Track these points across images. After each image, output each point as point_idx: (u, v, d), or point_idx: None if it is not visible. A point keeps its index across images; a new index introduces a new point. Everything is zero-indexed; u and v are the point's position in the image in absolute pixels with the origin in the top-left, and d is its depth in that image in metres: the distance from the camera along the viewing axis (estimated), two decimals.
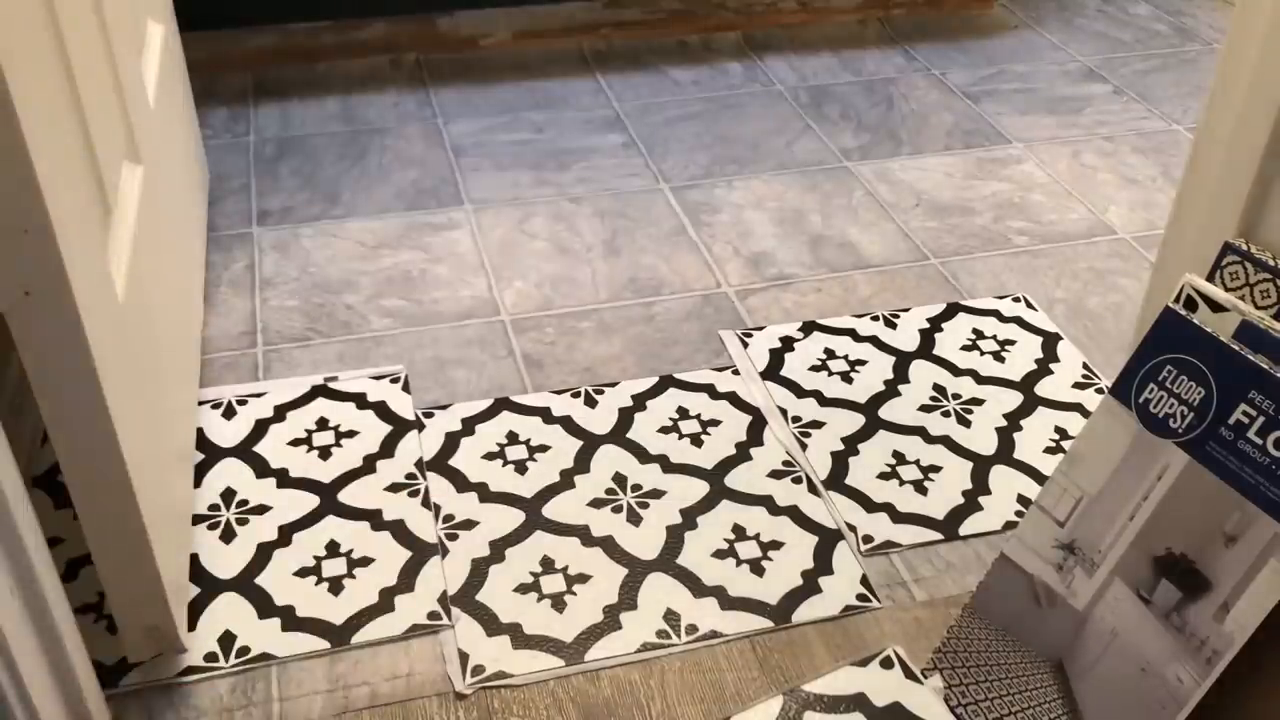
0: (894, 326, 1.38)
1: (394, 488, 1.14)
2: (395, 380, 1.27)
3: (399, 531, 1.09)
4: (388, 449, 1.19)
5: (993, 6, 2.15)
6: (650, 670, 0.98)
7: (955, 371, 1.31)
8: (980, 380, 1.30)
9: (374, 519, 1.11)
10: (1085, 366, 1.33)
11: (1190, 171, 0.84)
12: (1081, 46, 2.06)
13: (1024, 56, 2.01)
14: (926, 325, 1.38)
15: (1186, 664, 0.78)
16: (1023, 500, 1.15)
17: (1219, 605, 0.76)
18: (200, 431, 1.20)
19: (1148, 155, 1.73)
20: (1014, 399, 1.28)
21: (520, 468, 1.17)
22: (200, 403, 1.24)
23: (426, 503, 1.13)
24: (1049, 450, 1.21)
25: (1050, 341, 1.36)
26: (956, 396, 1.28)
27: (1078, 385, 1.30)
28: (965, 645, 0.94)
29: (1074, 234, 1.55)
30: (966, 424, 1.24)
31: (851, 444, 1.21)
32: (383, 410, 1.23)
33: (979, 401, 1.27)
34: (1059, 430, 1.23)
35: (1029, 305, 1.42)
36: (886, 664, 0.96)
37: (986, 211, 1.59)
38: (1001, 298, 1.43)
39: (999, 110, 1.84)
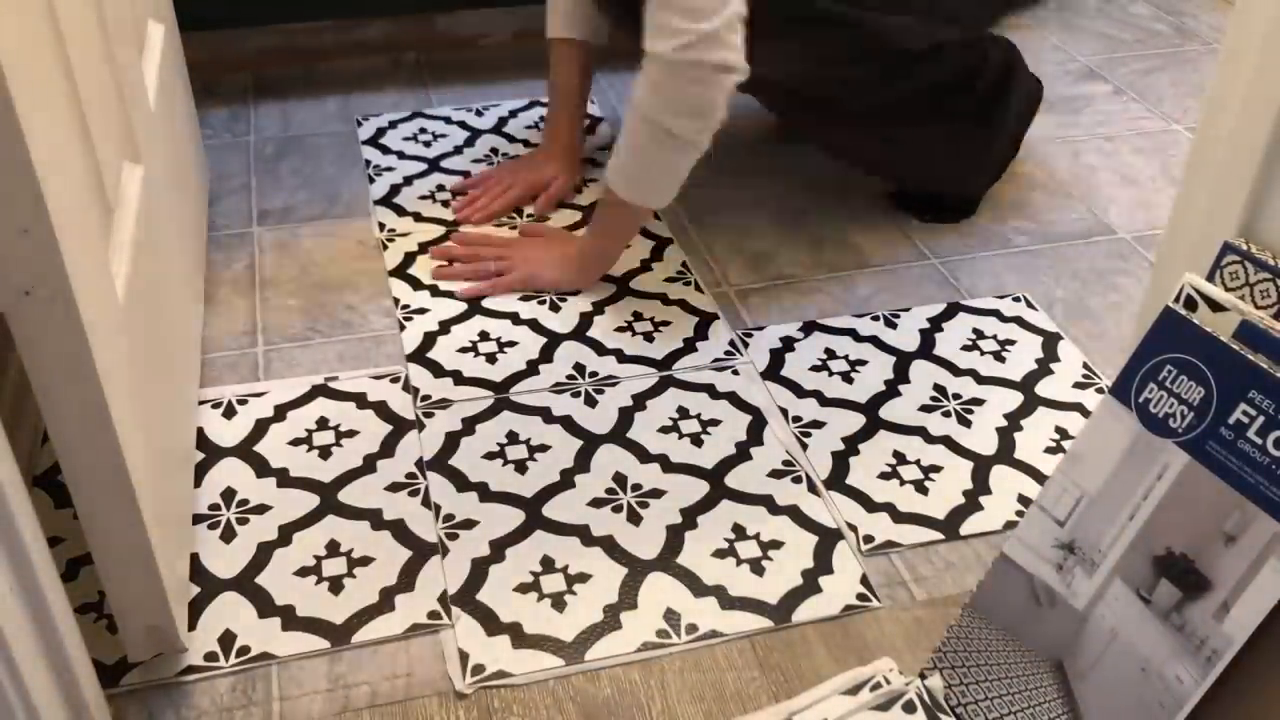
0: (894, 326, 1.38)
1: (394, 487, 1.14)
2: (395, 380, 1.27)
3: (399, 531, 1.09)
4: (388, 448, 1.19)
5: None
6: (650, 670, 0.98)
7: (955, 371, 1.31)
8: (980, 380, 1.30)
9: (374, 518, 1.11)
10: (1085, 366, 1.33)
11: (1190, 171, 0.84)
12: (1081, 46, 2.06)
13: (1024, 56, 2.00)
14: (926, 325, 1.38)
15: (1186, 663, 0.78)
16: (1023, 500, 1.15)
17: (1219, 605, 0.76)
18: (200, 431, 1.20)
19: (1148, 155, 1.73)
20: (1014, 399, 1.28)
21: (520, 467, 1.17)
22: (200, 402, 1.24)
23: (427, 502, 1.13)
24: (1049, 450, 1.21)
25: (1050, 341, 1.36)
26: (957, 396, 1.28)
27: (1078, 385, 1.30)
28: (965, 645, 0.94)
29: (1074, 234, 1.55)
30: (967, 424, 1.24)
31: (852, 444, 1.21)
32: (383, 410, 1.23)
33: (979, 401, 1.27)
34: (1059, 430, 1.23)
35: (1029, 305, 1.42)
36: (875, 688, 0.96)
37: (986, 211, 1.59)
38: (1002, 297, 1.43)
39: None
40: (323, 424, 1.22)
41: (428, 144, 1.71)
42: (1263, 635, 0.75)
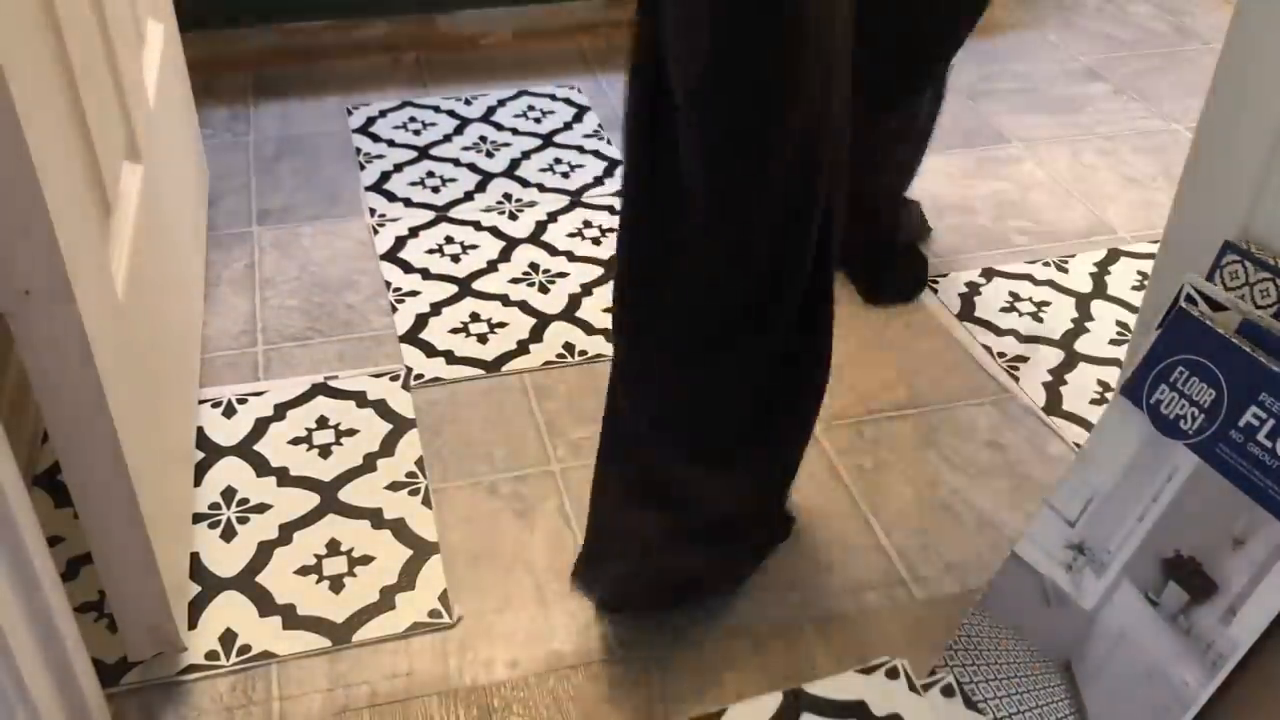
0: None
1: (394, 486, 1.14)
2: (395, 379, 1.27)
3: (399, 530, 1.09)
4: (388, 447, 1.19)
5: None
6: (650, 669, 0.98)
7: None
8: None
9: (374, 518, 1.11)
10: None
11: (1190, 171, 0.84)
12: (1081, 46, 2.06)
13: (1024, 56, 2.01)
14: None
15: (1192, 666, 0.78)
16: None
17: (1225, 608, 0.76)
18: (200, 430, 1.20)
19: (1148, 155, 1.73)
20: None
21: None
22: (200, 401, 1.23)
23: (427, 501, 1.13)
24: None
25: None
26: None
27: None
28: (976, 643, 0.94)
29: (1074, 233, 1.55)
30: None
31: None
32: (382, 409, 1.23)
33: None
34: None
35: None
36: (892, 674, 0.96)
37: (986, 211, 1.59)
38: None
39: (999, 109, 1.83)
40: (322, 423, 1.22)
41: (417, 132, 1.73)
42: (1269, 639, 0.74)
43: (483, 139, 1.71)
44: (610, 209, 1.56)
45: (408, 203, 1.57)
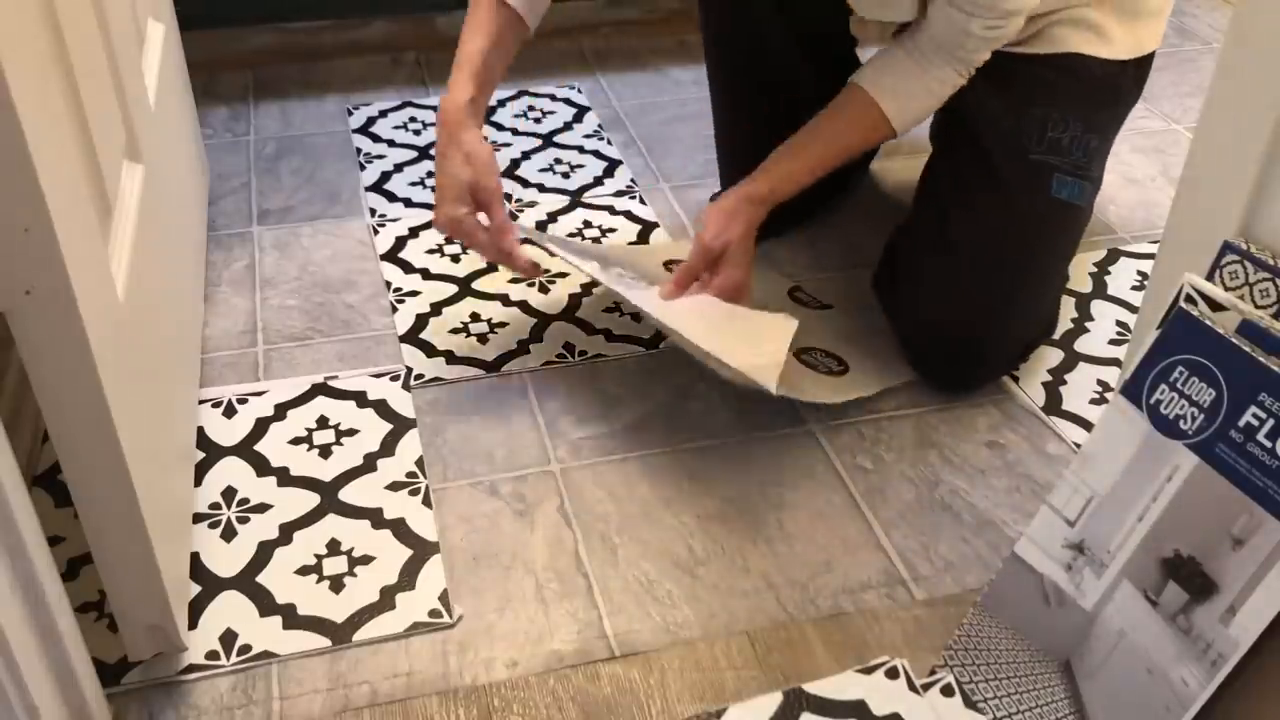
0: None
1: (394, 486, 1.14)
2: (395, 379, 1.27)
3: (400, 530, 1.09)
4: (388, 447, 1.19)
5: None
6: (650, 669, 0.98)
7: None
8: None
9: (374, 517, 1.11)
10: None
11: (1190, 171, 0.84)
12: None
13: None
14: None
15: (1192, 666, 0.78)
16: None
17: (1225, 608, 0.76)
18: (201, 430, 1.20)
19: (1148, 155, 1.73)
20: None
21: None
22: (201, 401, 1.24)
23: (427, 501, 1.13)
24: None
25: None
26: None
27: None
28: (976, 643, 0.94)
29: None
30: None
31: None
32: (383, 408, 1.23)
33: None
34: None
35: None
36: (892, 674, 0.96)
37: None
38: None
39: None
40: (323, 423, 1.22)
41: (417, 132, 1.73)
42: (1268, 639, 0.74)
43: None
44: (610, 209, 1.57)
45: (408, 203, 1.57)
